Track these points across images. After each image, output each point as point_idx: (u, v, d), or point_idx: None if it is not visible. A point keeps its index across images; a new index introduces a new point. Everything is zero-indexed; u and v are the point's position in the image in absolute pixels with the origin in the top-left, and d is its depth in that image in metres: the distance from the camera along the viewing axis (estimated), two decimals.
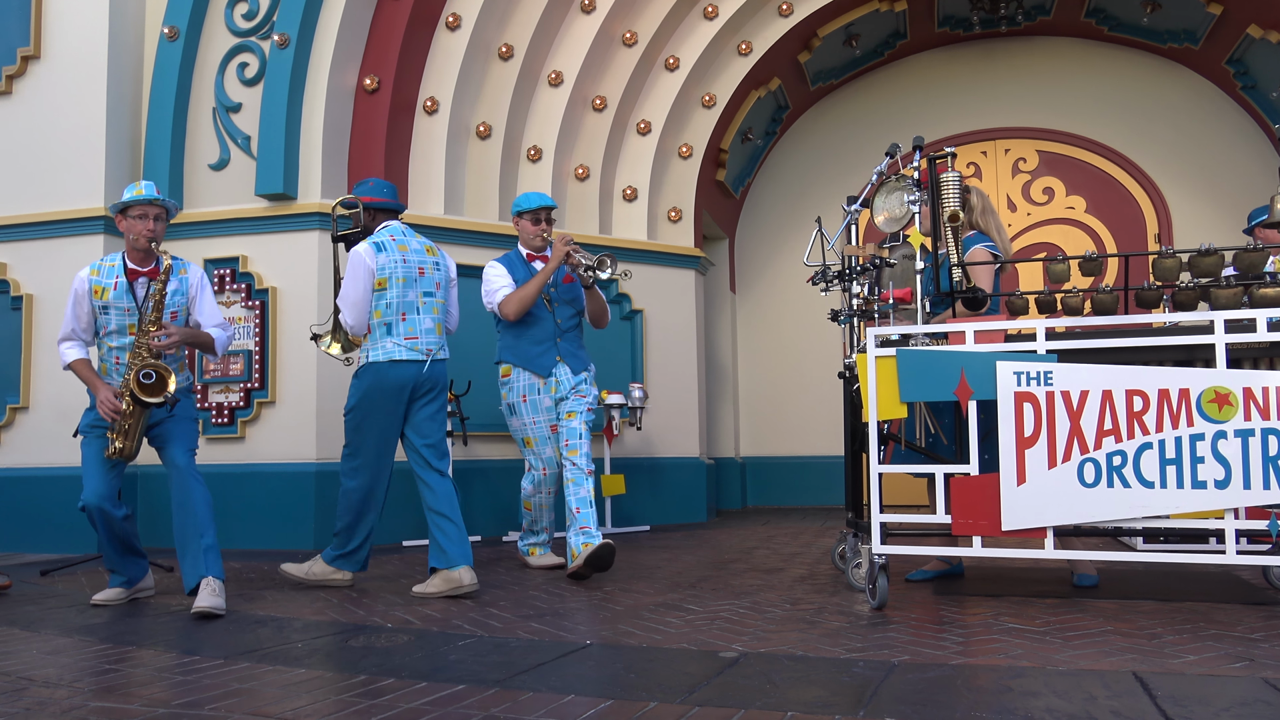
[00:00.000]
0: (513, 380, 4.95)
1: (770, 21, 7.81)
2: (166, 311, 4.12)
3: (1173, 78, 8.52)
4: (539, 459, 4.96)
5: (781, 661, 2.85)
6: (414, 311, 4.46)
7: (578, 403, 4.93)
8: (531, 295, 4.86)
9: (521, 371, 4.93)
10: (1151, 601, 3.73)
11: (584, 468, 4.78)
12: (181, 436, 4.13)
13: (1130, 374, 3.40)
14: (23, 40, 6.55)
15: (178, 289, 4.19)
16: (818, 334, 8.89)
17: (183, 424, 4.16)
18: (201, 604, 3.77)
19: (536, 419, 4.93)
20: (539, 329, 4.97)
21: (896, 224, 3.93)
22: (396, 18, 6.60)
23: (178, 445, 4.09)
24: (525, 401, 4.92)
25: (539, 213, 5.05)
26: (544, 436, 4.93)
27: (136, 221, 4.09)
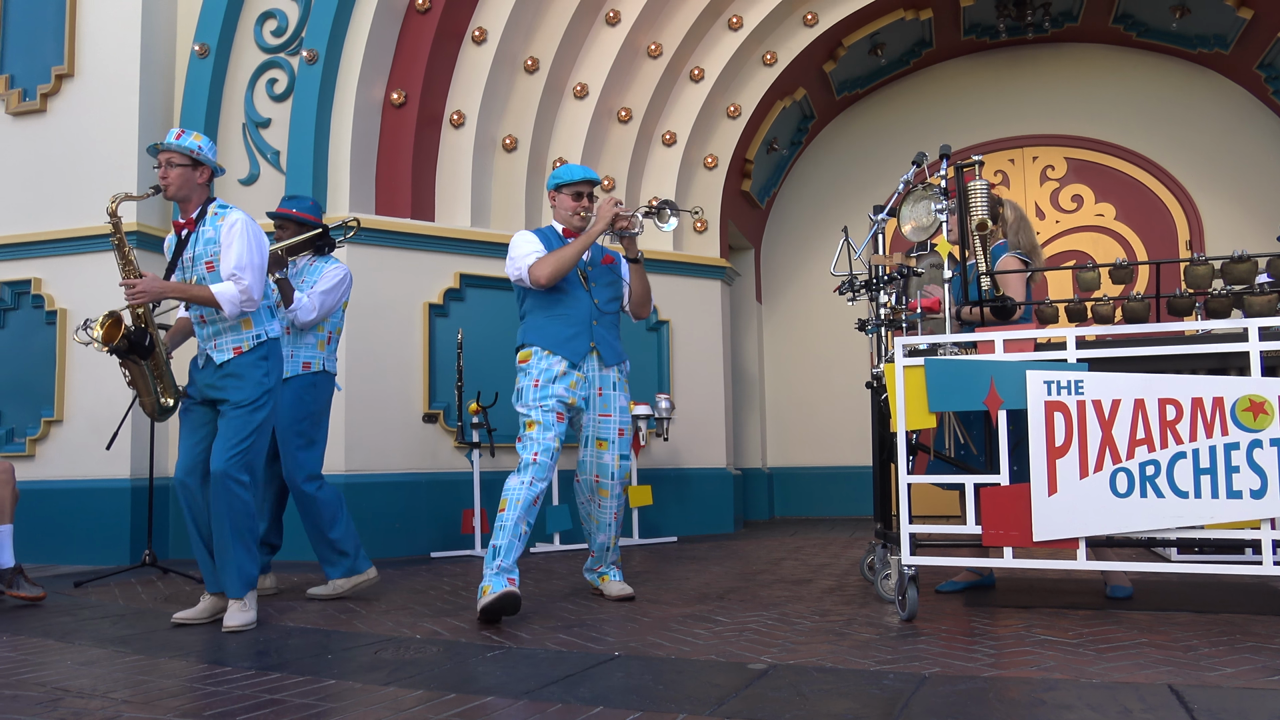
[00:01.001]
0: (530, 366, 4.20)
1: (795, 31, 7.81)
2: (200, 263, 3.86)
3: (1203, 83, 8.44)
4: (538, 444, 4.06)
5: (811, 674, 2.83)
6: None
7: (606, 426, 4.29)
8: (571, 259, 4.16)
9: (544, 356, 4.19)
10: (1187, 613, 3.68)
11: (612, 511, 4.36)
12: (221, 433, 3.82)
13: (1163, 382, 3.36)
14: (57, 59, 6.66)
15: (212, 237, 3.87)
16: (845, 344, 8.85)
17: (228, 416, 3.82)
18: (227, 622, 3.76)
19: (545, 402, 4.12)
20: (574, 309, 4.27)
21: (924, 233, 3.91)
22: (423, 32, 6.66)
23: (216, 444, 3.82)
24: (538, 386, 4.16)
25: (581, 187, 4.37)
26: (550, 421, 4.10)
27: (157, 170, 3.89)
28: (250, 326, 3.91)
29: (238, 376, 3.85)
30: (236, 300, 3.80)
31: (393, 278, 6.46)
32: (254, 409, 3.85)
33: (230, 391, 3.84)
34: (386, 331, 6.38)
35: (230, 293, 3.80)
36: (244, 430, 3.81)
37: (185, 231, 3.91)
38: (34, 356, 6.48)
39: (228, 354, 3.87)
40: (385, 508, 6.21)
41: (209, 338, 3.92)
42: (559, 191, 4.40)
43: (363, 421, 6.19)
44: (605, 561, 4.52)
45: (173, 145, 3.87)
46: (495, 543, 3.93)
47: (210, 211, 3.92)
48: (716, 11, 7.57)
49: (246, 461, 3.81)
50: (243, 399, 3.83)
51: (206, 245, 3.87)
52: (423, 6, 6.62)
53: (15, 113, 6.71)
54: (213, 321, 3.90)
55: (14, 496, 4.63)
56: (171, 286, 3.80)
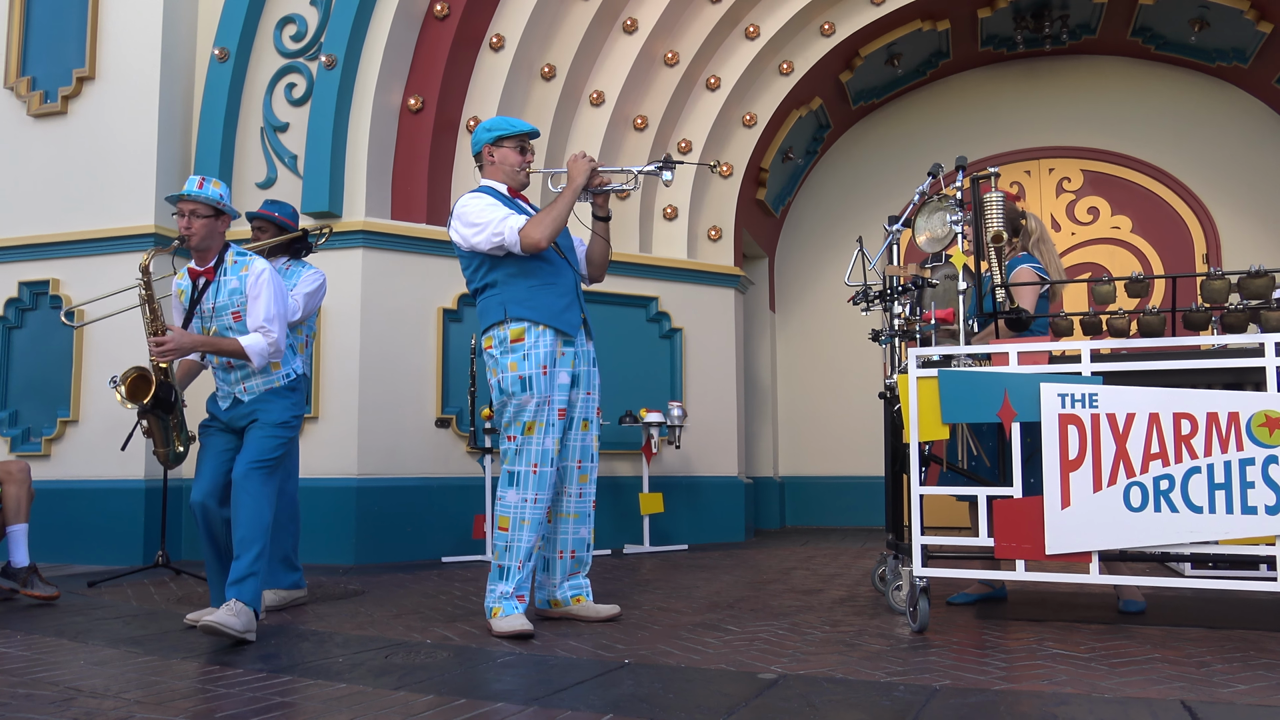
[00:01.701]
0: (529, 346, 3.75)
1: (812, 41, 7.82)
2: (226, 313, 3.83)
3: (1221, 96, 8.41)
4: (537, 451, 3.74)
5: (821, 684, 2.83)
6: None
7: (589, 406, 3.99)
8: (564, 216, 3.78)
9: (544, 333, 3.77)
10: (1200, 629, 3.66)
11: (591, 498, 4.01)
12: (252, 443, 3.80)
13: (1178, 397, 3.35)
14: (78, 62, 6.72)
15: (236, 288, 3.83)
16: (858, 354, 8.83)
17: (258, 431, 3.81)
18: (208, 617, 3.51)
19: (553, 399, 3.77)
20: (561, 277, 3.90)
21: (938, 244, 3.90)
22: (441, 39, 6.70)
23: (243, 453, 3.81)
24: (545, 375, 3.75)
25: (526, 139, 3.99)
26: (552, 423, 3.76)
27: (178, 219, 3.84)
28: (279, 368, 3.92)
29: (267, 403, 3.86)
30: (265, 352, 3.81)
31: (407, 282, 6.48)
32: (283, 428, 3.87)
33: (261, 414, 3.85)
34: (400, 336, 6.41)
35: (259, 345, 3.79)
36: (272, 444, 3.81)
37: (203, 280, 3.86)
38: (51, 357, 6.53)
39: (259, 393, 3.88)
40: (397, 512, 6.23)
41: (237, 381, 3.88)
42: (498, 145, 3.94)
43: (375, 426, 6.21)
44: (583, 570, 4.01)
45: (198, 196, 3.82)
46: (503, 563, 3.73)
47: (230, 260, 3.88)
48: (734, 20, 7.59)
49: (270, 474, 3.78)
50: (274, 419, 3.85)
51: (231, 296, 3.84)
52: (441, 13, 6.65)
53: (36, 114, 6.77)
54: (240, 367, 3.87)
55: (30, 496, 4.66)
56: (200, 340, 3.79)
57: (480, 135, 3.96)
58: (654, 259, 7.50)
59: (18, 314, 6.66)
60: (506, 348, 3.77)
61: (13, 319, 6.65)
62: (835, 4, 7.71)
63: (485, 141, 3.95)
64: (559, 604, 3.97)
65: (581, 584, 4.00)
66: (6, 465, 4.70)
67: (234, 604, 3.56)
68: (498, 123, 3.97)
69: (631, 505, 6.95)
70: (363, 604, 4.51)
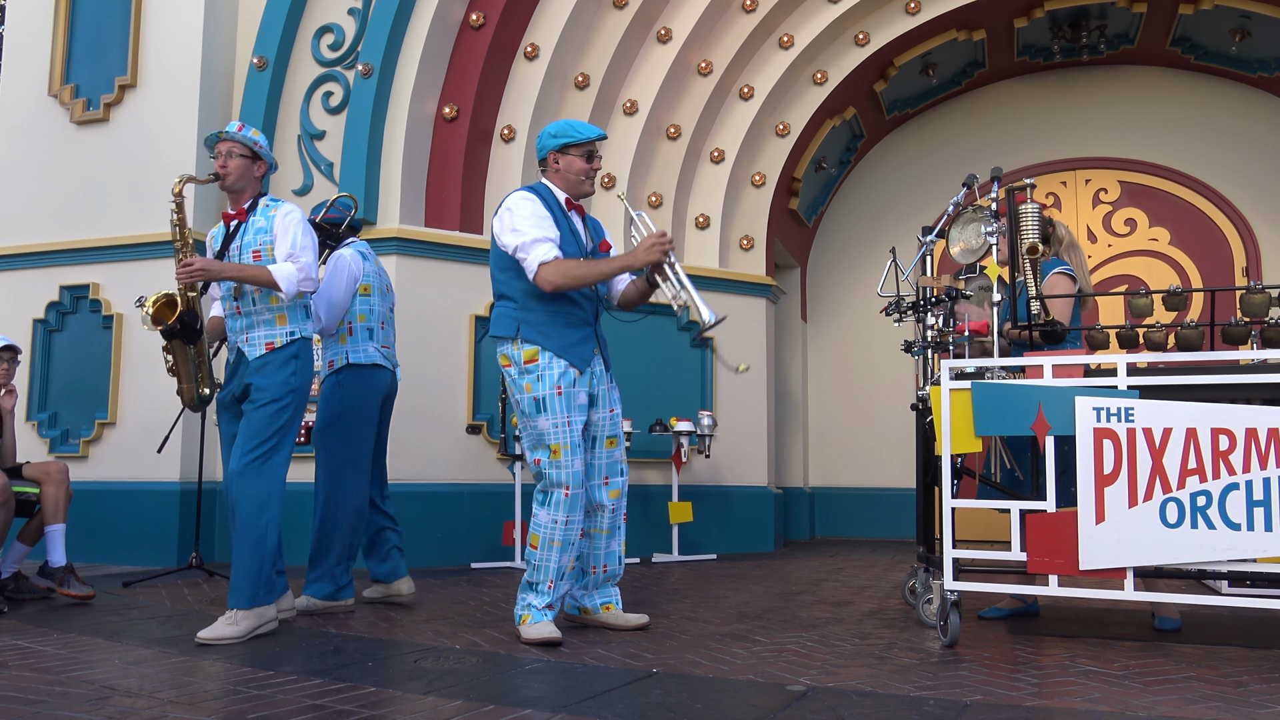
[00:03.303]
0: (542, 367, 3.71)
1: (846, 51, 7.80)
2: (248, 251, 3.82)
3: (1262, 107, 8.29)
4: (566, 474, 3.68)
5: (850, 697, 2.81)
6: (389, 324, 4.67)
7: (615, 422, 3.94)
8: (595, 277, 3.73)
9: (552, 359, 3.73)
10: (1237, 648, 3.60)
11: (622, 512, 3.96)
12: (244, 429, 3.74)
13: (1216, 412, 3.30)
14: (121, 70, 6.83)
15: (263, 227, 3.84)
16: (890, 365, 8.78)
17: (252, 415, 3.73)
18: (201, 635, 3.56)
19: (573, 419, 3.71)
20: (581, 308, 3.84)
21: (973, 255, 3.88)
22: (476, 48, 6.74)
23: (236, 444, 3.76)
24: (561, 395, 3.70)
25: (595, 145, 3.89)
26: (576, 443, 3.71)
27: (215, 160, 3.89)
28: (285, 323, 3.83)
29: (266, 373, 3.76)
30: (295, 279, 3.74)
31: (440, 289, 6.53)
32: (278, 409, 3.73)
33: (255, 389, 3.75)
34: (432, 342, 6.44)
35: (288, 271, 3.74)
36: (265, 430, 3.70)
37: (235, 222, 3.89)
38: (90, 359, 6.63)
39: (260, 349, 3.80)
40: (427, 518, 6.26)
41: (241, 330, 3.85)
42: (564, 152, 3.83)
43: (406, 431, 6.25)
44: (614, 580, 3.99)
45: (236, 135, 3.87)
46: (533, 580, 3.72)
47: (262, 204, 3.91)
48: (767, 30, 7.58)
49: (266, 465, 3.69)
50: (266, 397, 3.72)
51: (257, 234, 3.84)
52: (476, 22, 6.70)
53: (79, 121, 6.89)
54: (247, 313, 3.83)
55: (67, 496, 4.73)
56: (229, 267, 3.74)
57: (545, 141, 3.85)
58: (686, 268, 7.45)
59: (58, 317, 6.77)
60: (522, 369, 3.73)
61: (53, 322, 6.76)
62: (870, 14, 7.69)
63: (550, 148, 3.84)
64: (588, 612, 3.98)
65: (611, 593, 4.00)
66: (45, 466, 4.77)
67: (232, 613, 3.63)
68: (563, 128, 3.85)
69: (661, 514, 6.95)
70: (391, 609, 4.54)
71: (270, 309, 3.83)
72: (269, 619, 3.77)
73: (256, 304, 3.83)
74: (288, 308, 3.85)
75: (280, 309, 3.84)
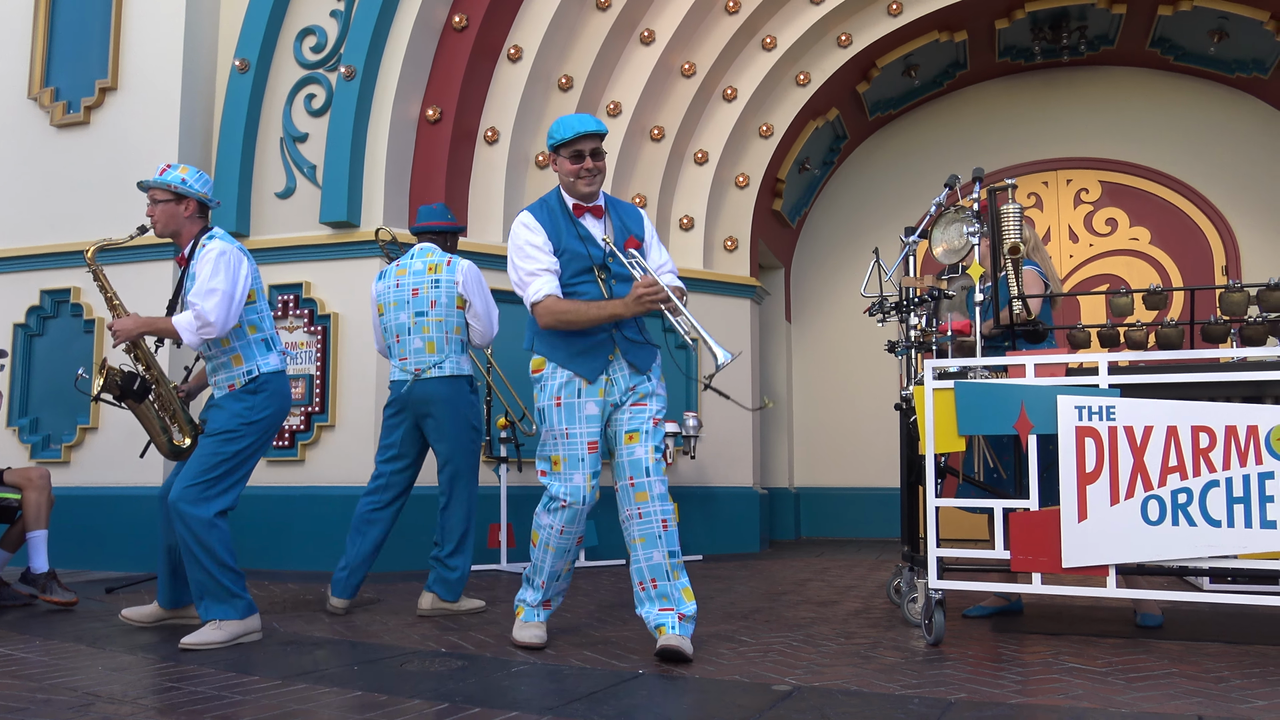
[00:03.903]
0: (546, 377, 3.58)
1: (829, 52, 7.82)
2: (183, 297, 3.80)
3: (1241, 108, 8.36)
4: (564, 487, 3.51)
5: (835, 696, 2.82)
6: (405, 333, 4.58)
7: (638, 416, 3.56)
8: (584, 322, 3.51)
9: (559, 369, 3.56)
10: (1218, 644, 3.63)
11: (658, 517, 3.44)
12: (190, 462, 3.77)
13: (1196, 410, 3.33)
14: (101, 73, 6.79)
15: (195, 272, 3.74)
16: (873, 365, 8.81)
17: (203, 445, 3.75)
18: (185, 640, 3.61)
19: (572, 431, 3.52)
20: None
21: (955, 256, 3.90)
22: (459, 50, 6.74)
23: (181, 472, 3.79)
24: (559, 406, 3.53)
25: (581, 144, 3.59)
26: (576, 457, 3.51)
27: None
28: (241, 363, 3.81)
29: (218, 407, 3.80)
30: (193, 328, 3.66)
31: None
32: (225, 439, 3.72)
33: (210, 421, 3.80)
34: None
35: (186, 321, 3.67)
36: (209, 460, 3.70)
37: (182, 268, 3.86)
38: (72, 365, 6.58)
39: (223, 390, 3.82)
40: (412, 521, 6.22)
41: (210, 373, 3.90)
42: (557, 154, 3.62)
43: None
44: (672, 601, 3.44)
45: (154, 182, 3.84)
46: (529, 575, 3.68)
47: (200, 244, 3.81)
48: (750, 32, 7.60)
49: (207, 495, 3.66)
50: (215, 428, 3.75)
51: (190, 281, 3.77)
52: (459, 24, 6.69)
53: (59, 124, 6.84)
54: (211, 358, 3.85)
55: (49, 502, 4.70)
56: (140, 322, 3.72)
57: (547, 142, 3.67)
58: None
59: (39, 322, 6.72)
60: (532, 378, 3.65)
61: (34, 327, 6.71)
62: (852, 15, 7.71)
63: (549, 151, 3.66)
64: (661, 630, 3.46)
65: (665, 619, 3.42)
66: (27, 472, 4.74)
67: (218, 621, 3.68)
68: (553, 128, 3.62)
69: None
70: (377, 612, 4.52)
71: (225, 351, 3.82)
72: (254, 629, 3.78)
73: (213, 349, 3.83)
74: (241, 347, 3.82)
75: (234, 350, 3.82)
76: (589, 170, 3.57)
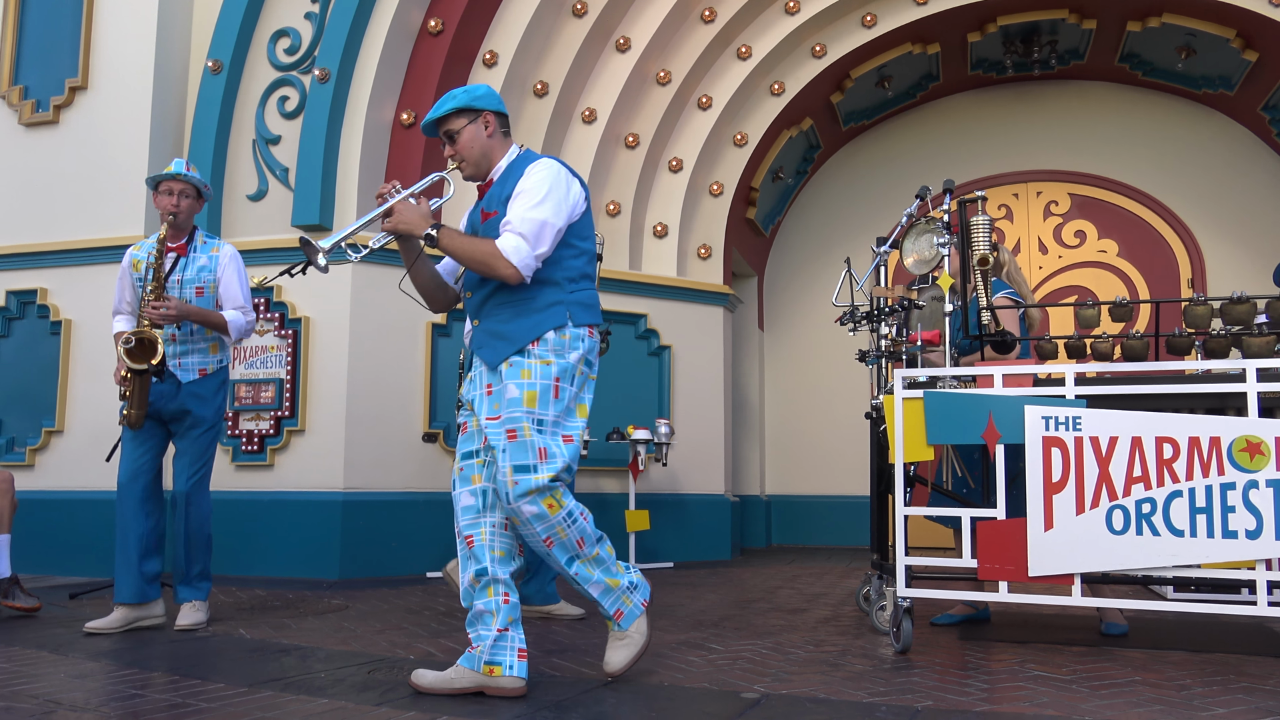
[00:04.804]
0: None
1: (803, 62, 7.87)
2: (191, 287, 4.23)
3: (1207, 123, 8.49)
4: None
5: (803, 704, 2.83)
6: None
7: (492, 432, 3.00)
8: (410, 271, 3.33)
9: None
10: (1181, 652, 3.68)
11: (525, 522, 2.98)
12: (187, 455, 4.20)
13: (1160, 421, 3.37)
14: (71, 72, 6.72)
15: (205, 265, 4.28)
16: (845, 373, 8.86)
17: (194, 439, 4.20)
18: (181, 622, 4.12)
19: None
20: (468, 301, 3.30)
21: (926, 266, 3.93)
22: (434, 54, 6.72)
23: (181, 465, 4.21)
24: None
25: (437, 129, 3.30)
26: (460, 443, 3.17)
27: (162, 197, 4.25)
28: (216, 351, 4.31)
29: (200, 397, 4.22)
30: (243, 328, 4.30)
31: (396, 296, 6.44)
32: (213, 431, 4.27)
33: (195, 409, 4.20)
34: (388, 350, 6.40)
35: (239, 320, 4.28)
36: (205, 452, 4.24)
37: (175, 256, 4.25)
38: (37, 366, 6.51)
39: (193, 374, 4.23)
40: (382, 526, 6.21)
41: (173, 355, 4.19)
42: None
43: (362, 439, 6.20)
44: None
45: (189, 177, 4.26)
46: None
47: (200, 240, 4.34)
48: (726, 41, 7.64)
49: (207, 482, 4.25)
50: (205, 425, 4.23)
51: (200, 272, 4.26)
52: (435, 29, 6.68)
53: (28, 123, 6.77)
54: (184, 341, 4.22)
55: (12, 506, 4.64)
56: (193, 310, 4.16)
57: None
58: (643, 276, 7.52)
59: (5, 323, 6.64)
60: None
61: (0, 328, 6.63)
62: (826, 26, 7.77)
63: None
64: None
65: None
66: None
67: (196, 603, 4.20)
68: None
69: (617, 522, 6.94)
70: (346, 619, 4.50)
71: (206, 340, 4.29)
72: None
73: (194, 334, 4.25)
74: (215, 337, 4.31)
75: (214, 339, 4.30)
76: (448, 156, 3.28)
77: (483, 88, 3.30)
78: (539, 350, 3.02)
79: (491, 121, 3.25)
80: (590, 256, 3.20)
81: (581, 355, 3.08)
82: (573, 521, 3.03)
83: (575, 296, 3.11)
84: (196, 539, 4.22)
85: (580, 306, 3.11)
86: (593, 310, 3.16)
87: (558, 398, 3.02)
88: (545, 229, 3.03)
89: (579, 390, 3.11)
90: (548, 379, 3.00)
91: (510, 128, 3.36)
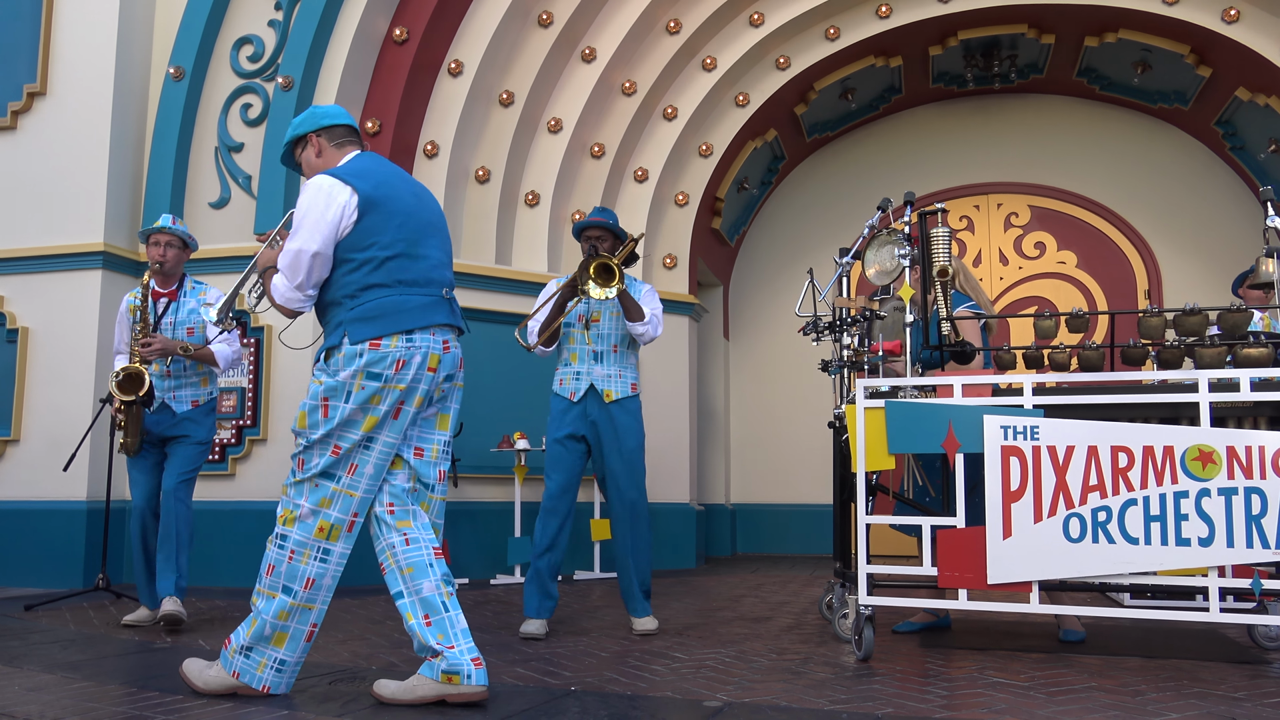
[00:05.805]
0: None
1: (768, 74, 7.94)
2: (182, 328, 4.63)
3: (1163, 137, 8.65)
4: None
5: (766, 712, 2.85)
6: None
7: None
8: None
9: None
10: (1136, 658, 3.73)
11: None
12: (178, 458, 4.56)
13: (1116, 430, 3.43)
14: (30, 77, 6.64)
15: (194, 309, 4.68)
16: (809, 382, 8.91)
17: (187, 447, 4.59)
18: (166, 609, 4.36)
19: None
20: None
21: (887, 277, 3.98)
22: (399, 63, 6.71)
23: (171, 466, 4.55)
24: None
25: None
26: None
27: (151, 248, 4.68)
28: (207, 385, 4.73)
29: (195, 421, 4.65)
30: (230, 358, 4.68)
31: None
32: (204, 446, 4.68)
33: (190, 431, 4.63)
34: None
35: (226, 352, 4.66)
36: (196, 461, 4.62)
37: (165, 300, 4.66)
38: None
39: (186, 405, 4.63)
40: None
41: (168, 389, 4.60)
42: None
43: None
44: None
45: (176, 230, 4.68)
46: None
47: (189, 285, 4.76)
48: (691, 52, 7.69)
49: (192, 486, 4.59)
50: (198, 439, 4.64)
51: (190, 314, 4.67)
52: (400, 37, 6.67)
53: None
54: (177, 376, 4.62)
55: None
56: (179, 344, 4.52)
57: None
58: None
59: None
60: None
61: None
62: (791, 38, 7.84)
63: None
64: None
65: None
66: None
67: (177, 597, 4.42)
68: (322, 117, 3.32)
69: (583, 531, 6.94)
70: None
71: (197, 374, 4.69)
72: None
73: (187, 370, 4.64)
74: (206, 372, 4.72)
75: (205, 373, 4.71)
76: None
77: (306, 113, 3.34)
78: (316, 370, 3.12)
79: (316, 141, 3.28)
80: (375, 264, 3.07)
81: (357, 370, 3.02)
82: (280, 547, 3.16)
83: (355, 313, 3.06)
84: (181, 536, 4.51)
85: (359, 322, 3.05)
86: (376, 322, 3.05)
87: (327, 416, 3.04)
88: (300, 258, 3.04)
89: (369, 403, 3.04)
90: (315, 398, 3.06)
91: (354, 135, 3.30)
